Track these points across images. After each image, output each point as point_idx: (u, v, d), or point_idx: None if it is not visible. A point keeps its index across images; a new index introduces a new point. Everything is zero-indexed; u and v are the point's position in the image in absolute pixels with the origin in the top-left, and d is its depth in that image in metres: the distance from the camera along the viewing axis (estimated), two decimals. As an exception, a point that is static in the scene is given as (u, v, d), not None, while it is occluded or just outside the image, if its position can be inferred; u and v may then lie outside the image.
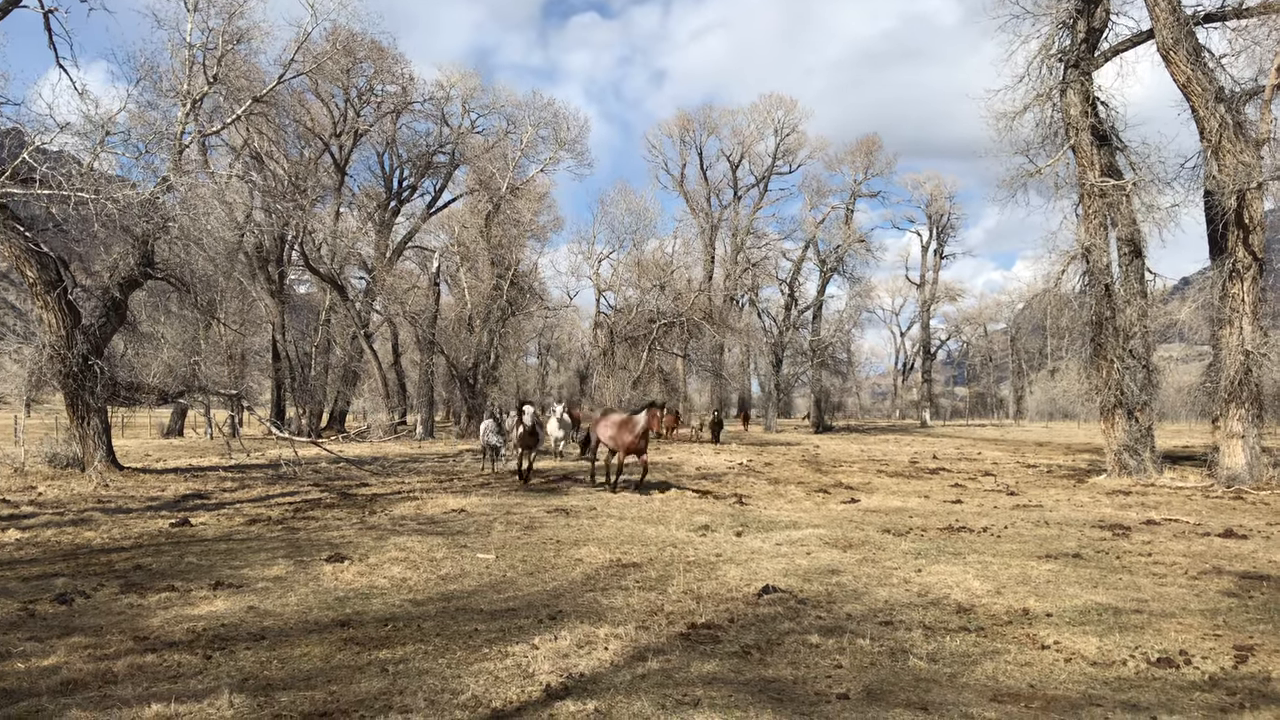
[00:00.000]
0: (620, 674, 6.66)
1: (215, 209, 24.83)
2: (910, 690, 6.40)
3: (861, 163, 75.61)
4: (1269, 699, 6.27)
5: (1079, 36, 24.36)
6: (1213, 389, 23.15)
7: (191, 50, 24.64)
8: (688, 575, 10.39)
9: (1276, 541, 13.22)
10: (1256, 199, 21.77)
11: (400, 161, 54.06)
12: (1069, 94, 24.24)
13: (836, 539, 13.19)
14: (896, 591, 9.67)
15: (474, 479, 22.70)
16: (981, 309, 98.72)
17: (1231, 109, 22.00)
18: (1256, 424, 22.01)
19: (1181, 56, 21.92)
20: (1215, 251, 23.15)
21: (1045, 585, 9.94)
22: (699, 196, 75.11)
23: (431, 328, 46.73)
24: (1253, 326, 21.87)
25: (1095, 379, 24.58)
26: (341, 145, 49.39)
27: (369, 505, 16.95)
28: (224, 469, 24.26)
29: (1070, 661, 7.18)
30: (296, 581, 9.98)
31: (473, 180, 51.17)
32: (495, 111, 52.98)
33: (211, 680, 6.49)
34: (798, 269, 74.08)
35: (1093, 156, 23.97)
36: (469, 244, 49.19)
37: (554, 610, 8.64)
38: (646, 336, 53.87)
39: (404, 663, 6.92)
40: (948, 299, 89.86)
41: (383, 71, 48.32)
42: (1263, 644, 7.57)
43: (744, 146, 74.73)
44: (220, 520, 14.92)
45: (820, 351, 71.78)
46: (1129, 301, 23.93)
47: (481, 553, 11.81)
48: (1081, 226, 24.36)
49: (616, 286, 68.52)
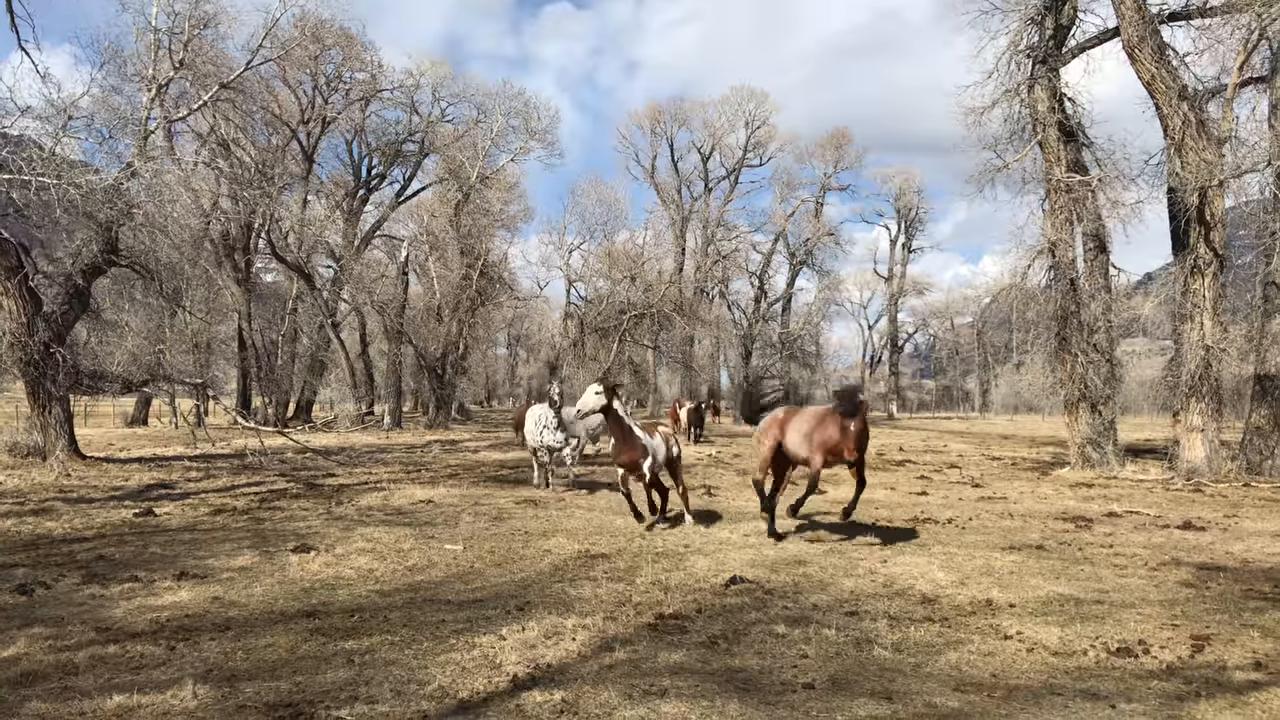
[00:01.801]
0: (587, 664, 6.68)
1: (181, 196, 24.59)
2: (875, 680, 6.46)
3: (831, 156, 76.05)
4: (1224, 687, 6.39)
5: (1047, 33, 24.56)
6: (1174, 383, 23.48)
7: (157, 35, 24.32)
8: (656, 566, 10.42)
9: (1233, 534, 13.45)
10: (1218, 196, 22.07)
11: (369, 150, 53.70)
12: (1037, 90, 24.45)
13: (803, 529, 13.26)
14: (862, 582, 9.75)
15: (442, 470, 22.59)
16: (949, 303, 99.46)
17: (1194, 107, 22.28)
18: (1215, 418, 22.35)
19: (1146, 54, 22.16)
20: (1178, 248, 23.46)
21: (1009, 576, 10.06)
22: (670, 188, 75.26)
23: (400, 317, 46.46)
24: (1213, 322, 22.19)
25: (1060, 373, 24.86)
26: (309, 133, 48.94)
27: (336, 496, 16.85)
28: (189, 459, 24.02)
29: (1032, 651, 7.27)
30: (262, 572, 9.92)
31: (442, 169, 50.96)
32: (465, 100, 52.77)
33: (175, 671, 6.44)
34: (767, 262, 74.39)
35: (1059, 152, 24.19)
36: (438, 233, 48.98)
37: (522, 601, 8.64)
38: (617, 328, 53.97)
39: (370, 653, 6.90)
40: (915, 293, 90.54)
41: (351, 59, 47.93)
42: (1219, 634, 7.71)
43: (715, 138, 74.89)
44: (185, 510, 14.78)
45: (789, 344, 72.13)
46: (1093, 296, 24.21)
47: (449, 544, 11.78)
48: (1048, 221, 24.61)
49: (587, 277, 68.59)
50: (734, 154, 75.29)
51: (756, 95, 74.24)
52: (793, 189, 75.31)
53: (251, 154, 43.10)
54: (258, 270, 49.96)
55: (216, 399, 30.16)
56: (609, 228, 69.33)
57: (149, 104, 24.07)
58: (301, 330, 50.80)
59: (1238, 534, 13.39)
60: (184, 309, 31.35)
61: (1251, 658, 7.07)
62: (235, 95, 31.97)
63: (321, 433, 36.18)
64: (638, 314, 54.92)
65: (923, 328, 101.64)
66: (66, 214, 19.92)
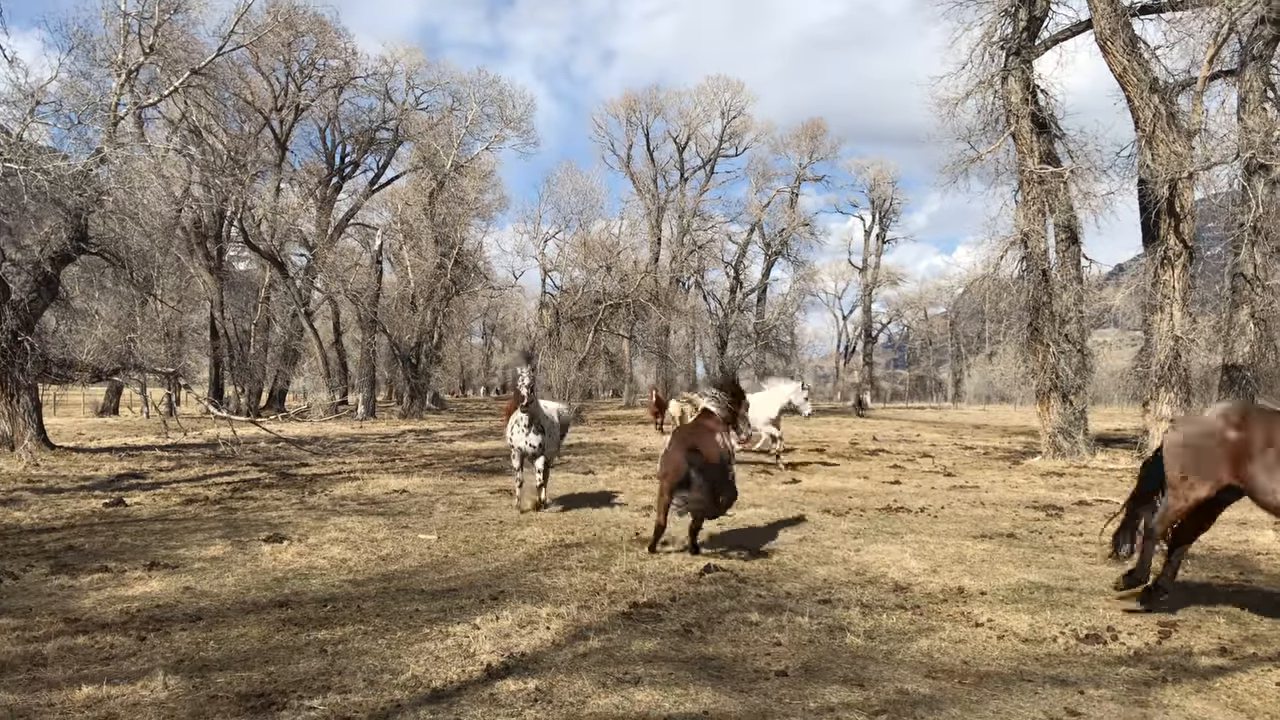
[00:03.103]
0: (561, 653, 6.69)
1: (152, 183, 24.29)
2: (847, 667, 6.51)
3: (806, 147, 76.20)
4: (1189, 672, 6.48)
5: (1020, 25, 24.70)
6: (1144, 373, 23.74)
7: (127, 19, 23.98)
8: (630, 555, 10.44)
9: (1201, 521, 13.61)
10: (1187, 188, 22.30)
11: (342, 137, 53.34)
12: (1010, 81, 24.59)
13: (778, 519, 13.33)
14: (835, 570, 9.81)
15: (416, 459, 22.52)
16: (922, 293, 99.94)
17: (1165, 99, 22.48)
18: (1184, 407, 22.59)
19: (1118, 47, 22.33)
20: (1148, 239, 23.69)
21: (980, 564, 10.16)
22: (645, 178, 75.18)
23: (374, 306, 46.23)
24: (1182, 313, 22.43)
25: (1032, 363, 25.08)
26: (282, 120, 48.49)
27: (309, 485, 16.75)
28: (160, 448, 23.81)
29: (1003, 638, 7.35)
30: (234, 562, 9.85)
31: (416, 157, 50.67)
32: (440, 88, 52.49)
33: (145, 662, 6.40)
34: (743, 252, 74.63)
35: (1032, 144, 24.35)
36: (412, 222, 48.70)
37: (496, 590, 8.63)
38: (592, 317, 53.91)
39: (343, 643, 6.87)
40: (889, 283, 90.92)
41: (325, 46, 47.56)
42: (1185, 620, 7.83)
43: (690, 128, 74.88)
44: (156, 500, 14.66)
45: (764, 334, 72.38)
46: (1065, 287, 24.42)
47: (423, 533, 11.75)
48: (1020, 213, 24.78)
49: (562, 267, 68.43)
50: (709, 144, 75.40)
51: (732, 85, 74.35)
52: (768, 179, 75.56)
53: (224, 141, 42.64)
54: (230, 258, 49.60)
55: (188, 388, 29.97)
56: (584, 217, 69.21)
57: (119, 89, 23.76)
58: (274, 319, 50.45)
59: (1205, 522, 13.55)
60: (155, 297, 31.11)
61: (1217, 643, 7.17)
62: (207, 81, 31.66)
63: (295, 422, 35.98)
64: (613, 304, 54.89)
65: (896, 318, 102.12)
66: (34, 200, 19.64)
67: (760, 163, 75.63)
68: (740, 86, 74.53)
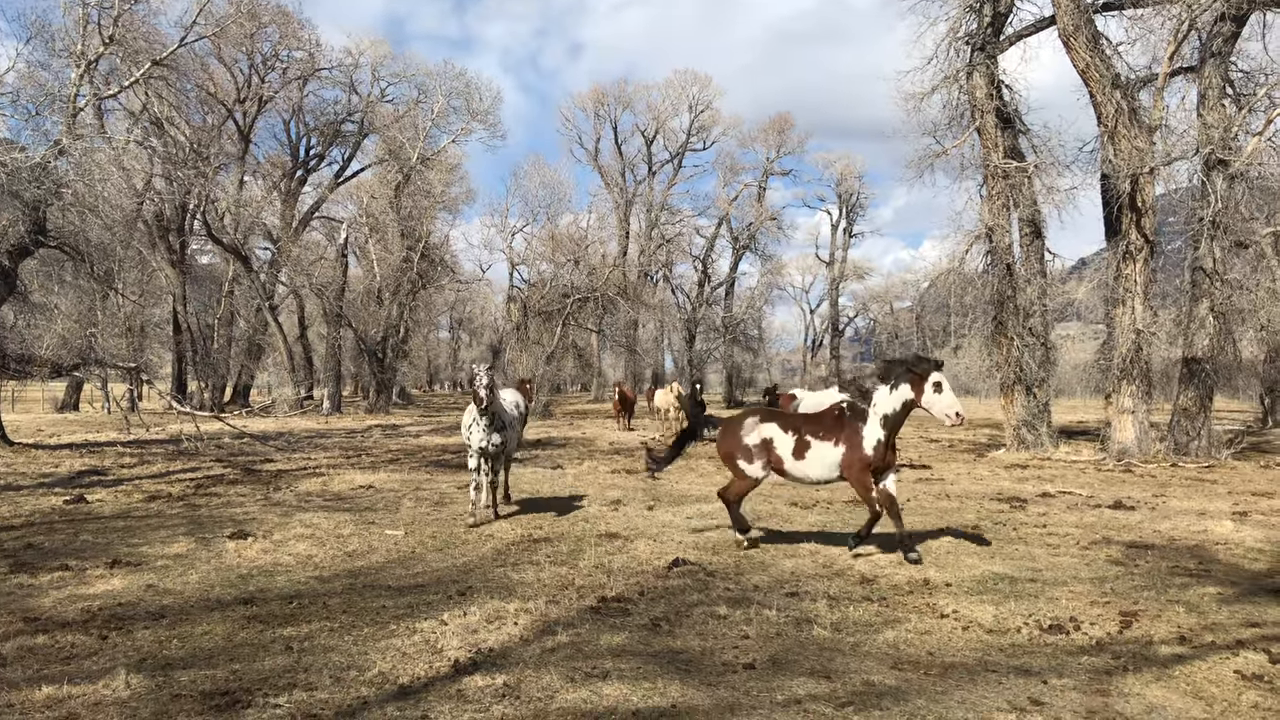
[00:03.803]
0: (529, 648, 6.68)
1: (112, 175, 23.93)
2: (814, 659, 6.55)
3: (774, 141, 76.27)
4: (1150, 661, 6.58)
5: (985, 20, 24.87)
6: (1106, 366, 24.00)
7: (86, 9, 23.59)
8: (599, 549, 10.44)
9: (1161, 512, 13.82)
10: (1149, 183, 22.55)
11: (307, 130, 52.79)
12: (975, 77, 24.76)
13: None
14: (803, 563, 9.87)
15: (383, 455, 22.38)
16: (889, 287, 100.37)
17: (1127, 95, 22.72)
18: (1145, 400, 22.90)
19: (1081, 43, 22.54)
20: (1110, 234, 23.95)
21: (945, 556, 10.25)
22: (613, 171, 75.07)
23: (339, 300, 45.83)
24: (1143, 306, 22.70)
25: (996, 356, 25.30)
26: (246, 112, 47.95)
27: (274, 481, 16.62)
28: (122, 444, 23.51)
29: (968, 629, 7.42)
30: (198, 559, 9.75)
31: (382, 150, 50.25)
32: (406, 80, 52.10)
33: (107, 661, 6.32)
34: (711, 246, 74.64)
35: (997, 139, 24.54)
36: (378, 215, 48.30)
37: (464, 586, 8.61)
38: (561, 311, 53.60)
39: (309, 640, 6.83)
40: (856, 277, 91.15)
41: (288, 37, 46.99)
42: (1146, 609, 7.94)
43: (659, 122, 74.84)
44: (118, 497, 14.47)
45: (732, 328, 72.51)
46: (1029, 281, 24.65)
47: (390, 529, 11.69)
48: (985, 207, 24.97)
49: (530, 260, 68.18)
50: (677, 138, 75.39)
51: (700, 79, 74.38)
52: (736, 173, 75.59)
53: (186, 133, 42.04)
54: (193, 252, 48.94)
55: (151, 383, 29.53)
56: (552, 210, 68.99)
57: (78, 80, 23.37)
58: (238, 313, 49.93)
59: (1165, 513, 13.76)
60: (116, 291, 30.66)
61: (1176, 632, 7.28)
62: (168, 73, 31.18)
63: (259, 417, 35.64)
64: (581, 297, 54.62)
65: (863, 312, 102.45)
66: (-9, 193, 19.32)
67: (728, 157, 75.76)
68: (708, 80, 74.67)
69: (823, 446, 10.12)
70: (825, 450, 10.11)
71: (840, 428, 10.10)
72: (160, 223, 42.81)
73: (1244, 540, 11.27)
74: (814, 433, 10.23)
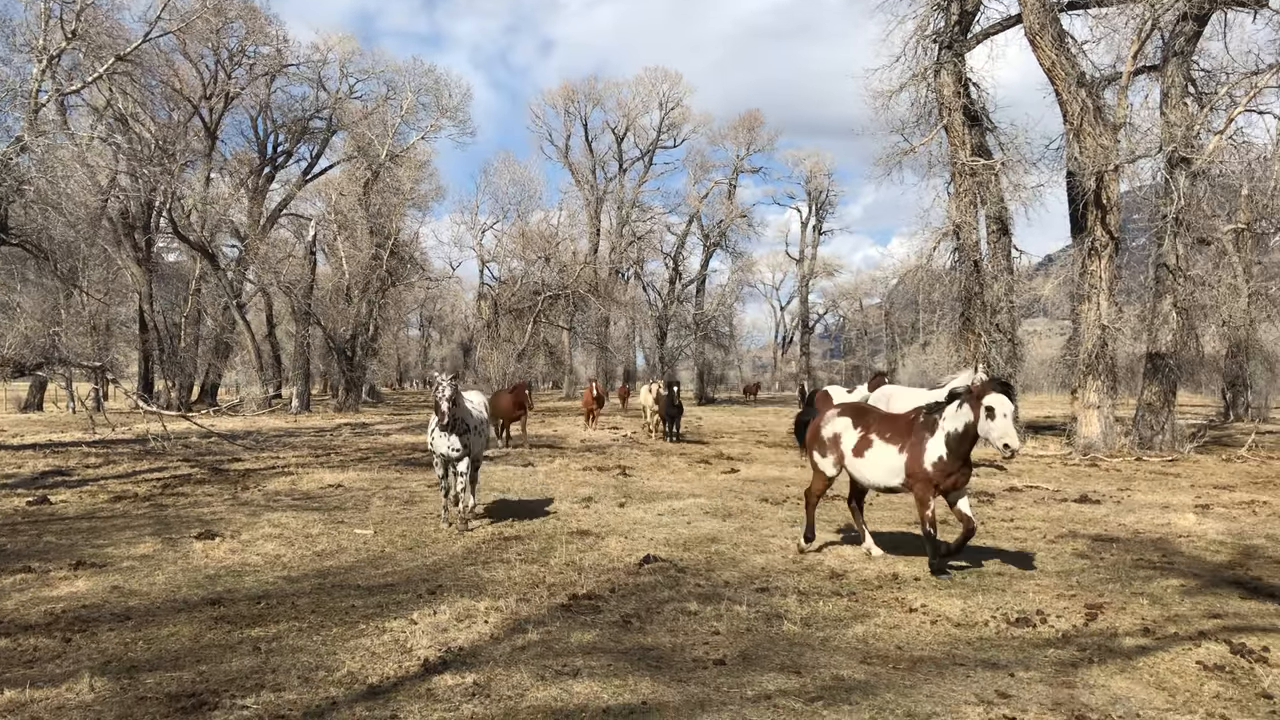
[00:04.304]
0: (500, 646, 6.67)
1: (76, 172, 23.64)
2: (784, 654, 6.58)
3: (744, 138, 76.40)
4: (1115, 653, 6.67)
5: (953, 19, 25.09)
6: (1072, 361, 24.30)
7: (48, 3, 23.31)
8: (570, 547, 10.43)
9: (1126, 506, 14.00)
10: (1113, 180, 22.84)
11: (275, 126, 52.26)
12: (943, 75, 24.97)
13: (716, 508, 13.42)
14: (773, 558, 9.91)
15: (352, 453, 22.25)
16: (858, 284, 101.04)
17: (1092, 93, 22.99)
18: (1110, 395, 23.18)
19: (1047, 41, 22.78)
20: (1076, 230, 24.23)
21: (914, 550, 10.33)
22: (584, 168, 74.94)
23: (307, 298, 45.48)
24: (1109, 302, 22.98)
25: (964, 352, 25.53)
26: (212, 108, 47.40)
27: (242, 481, 16.47)
28: (87, 444, 23.20)
29: (936, 623, 7.49)
30: (164, 560, 9.65)
31: (351, 147, 49.90)
32: (374, 76, 51.74)
33: (71, 664, 6.25)
34: (682, 243, 74.68)
35: (964, 136, 24.77)
36: (347, 212, 48.00)
37: (434, 585, 8.57)
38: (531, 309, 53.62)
39: (277, 640, 6.78)
40: (826, 274, 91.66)
41: (255, 32, 46.50)
42: (1111, 602, 8.04)
43: (629, 119, 74.77)
44: (82, 498, 14.29)
45: (704, 325, 72.59)
46: (996, 277, 24.90)
47: (359, 528, 11.62)
48: (953, 204, 25.20)
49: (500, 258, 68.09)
50: (648, 135, 75.37)
51: (670, 77, 74.39)
52: (706, 171, 75.65)
53: (151, 129, 41.52)
54: (159, 250, 48.36)
55: (116, 382, 29.19)
56: (523, 208, 68.91)
57: (39, 76, 23.07)
58: (205, 311, 49.41)
59: (1130, 506, 13.94)
60: (80, 289, 30.29)
61: (1140, 624, 7.38)
62: (133, 68, 30.81)
63: (227, 416, 35.29)
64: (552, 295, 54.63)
65: (833, 308, 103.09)
66: (-50, 190, 19.03)
67: (698, 154, 75.81)
68: (678, 78, 74.69)
69: (886, 449, 9.46)
70: (887, 454, 9.46)
71: (908, 434, 9.40)
72: (125, 220, 42.27)
73: (1206, 533, 11.45)
74: (881, 433, 9.57)
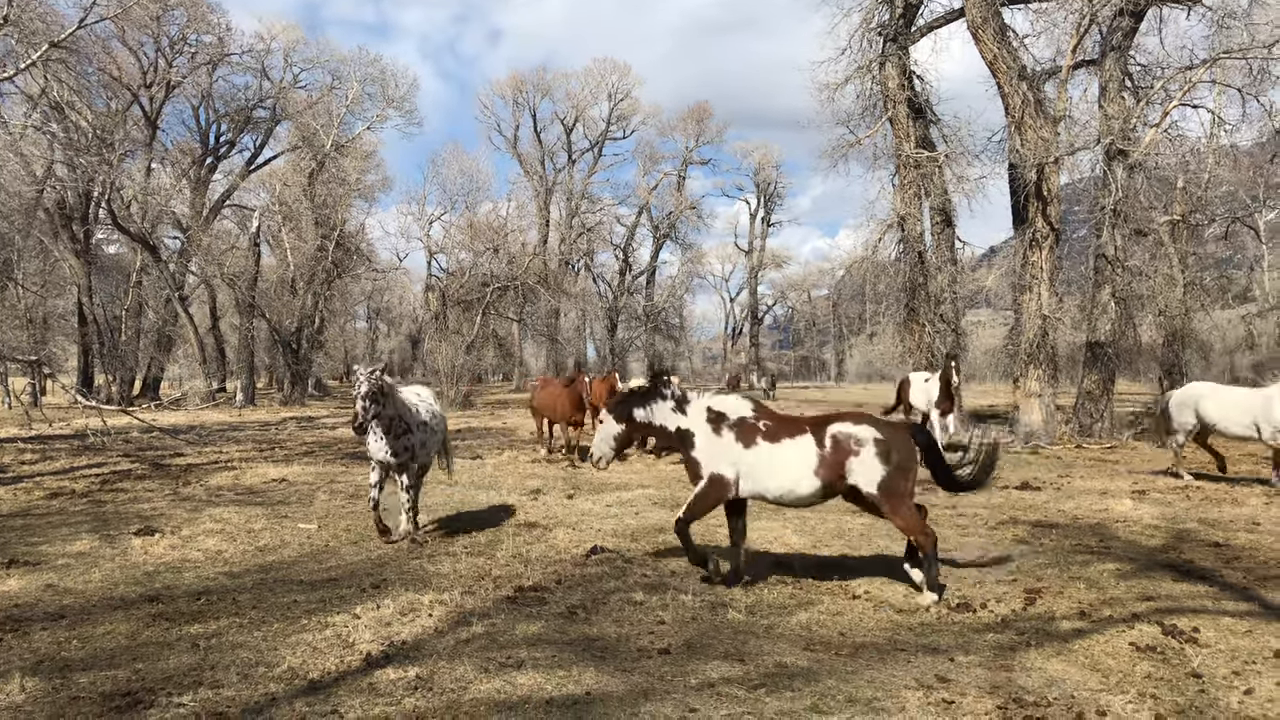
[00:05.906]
0: (443, 639, 6.63)
1: (9, 162, 23.07)
2: (729, 642, 6.62)
3: (693, 130, 76.71)
4: (1052, 636, 6.80)
5: (897, 11, 25.32)
6: (1014, 351, 24.67)
7: (-23, -12, 22.65)
8: (517, 539, 10.40)
9: (1065, 492, 14.27)
10: (1054, 173, 23.21)
11: (217, 116, 51.44)
12: (888, 67, 25.20)
13: (664, 499, 13.45)
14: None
15: (297, 447, 21.98)
16: (806, 275, 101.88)
17: (1033, 87, 23.33)
18: (1052, 383, 23.59)
19: (989, 35, 23.07)
20: (1018, 222, 24.59)
21: (858, 539, 10.45)
22: (533, 159, 74.65)
23: (252, 290, 44.82)
24: (1050, 293, 23.37)
25: (909, 341, 25.84)
26: (152, 97, 46.49)
27: (184, 476, 16.19)
28: (23, 440, 22.66)
29: (878, 609, 7.58)
30: (102, 557, 9.47)
31: (295, 137, 49.26)
32: (319, 66, 51.24)
33: (1, 664, 6.11)
34: (631, 234, 74.88)
35: (909, 129, 25.03)
36: (291, 203, 47.30)
37: (378, 579, 8.50)
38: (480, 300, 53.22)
39: (217, 637, 6.69)
40: (774, 266, 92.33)
41: (197, 20, 45.73)
42: (1049, 586, 8.19)
43: (578, 110, 74.61)
44: (17, 494, 13.96)
45: (654, 316, 72.79)
46: (940, 268, 25.22)
47: (303, 522, 11.49)
48: (898, 196, 25.47)
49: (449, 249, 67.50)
50: (597, 126, 75.30)
51: (619, 68, 74.38)
52: (655, 162, 75.88)
53: (89, 118, 40.53)
54: (98, 241, 47.39)
55: (54, 377, 28.45)
56: (471, 199, 68.32)
57: (-31, 62, 22.42)
58: (147, 304, 48.54)
59: (1069, 493, 14.21)
60: (15, 282, 29.58)
61: (1077, 608, 7.53)
62: (68, 55, 30.01)
63: (169, 411, 34.67)
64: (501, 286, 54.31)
65: (782, 300, 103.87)
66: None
67: (648, 145, 75.99)
68: (627, 69, 74.69)
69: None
70: None
71: None
72: (62, 211, 41.34)
73: (1142, 518, 11.70)
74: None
